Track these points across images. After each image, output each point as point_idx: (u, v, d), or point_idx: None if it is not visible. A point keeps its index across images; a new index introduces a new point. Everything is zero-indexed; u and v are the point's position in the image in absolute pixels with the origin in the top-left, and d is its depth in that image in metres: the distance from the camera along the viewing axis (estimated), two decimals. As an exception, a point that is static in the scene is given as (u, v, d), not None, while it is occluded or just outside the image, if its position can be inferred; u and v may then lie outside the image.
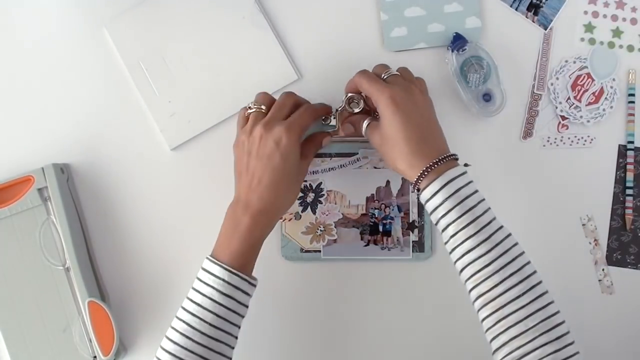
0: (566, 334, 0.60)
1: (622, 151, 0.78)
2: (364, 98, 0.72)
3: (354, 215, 0.78)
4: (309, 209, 0.78)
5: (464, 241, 0.62)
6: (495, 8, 0.79)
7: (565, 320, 0.61)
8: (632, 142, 0.78)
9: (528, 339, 0.59)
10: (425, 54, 0.79)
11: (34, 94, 0.80)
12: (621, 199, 0.78)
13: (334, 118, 0.73)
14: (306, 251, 0.78)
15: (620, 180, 0.79)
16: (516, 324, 0.60)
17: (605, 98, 0.78)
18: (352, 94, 0.72)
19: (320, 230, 0.78)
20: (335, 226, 0.78)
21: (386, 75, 0.68)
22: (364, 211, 0.78)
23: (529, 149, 0.79)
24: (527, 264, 0.62)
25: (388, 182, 0.78)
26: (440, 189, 0.62)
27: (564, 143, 0.78)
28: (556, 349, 0.59)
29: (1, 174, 0.78)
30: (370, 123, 0.69)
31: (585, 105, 0.78)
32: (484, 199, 0.63)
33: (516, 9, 0.79)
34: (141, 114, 0.79)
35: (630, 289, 0.78)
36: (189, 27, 0.79)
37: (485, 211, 0.63)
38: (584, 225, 0.79)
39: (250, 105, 0.71)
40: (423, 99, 0.67)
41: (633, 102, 0.78)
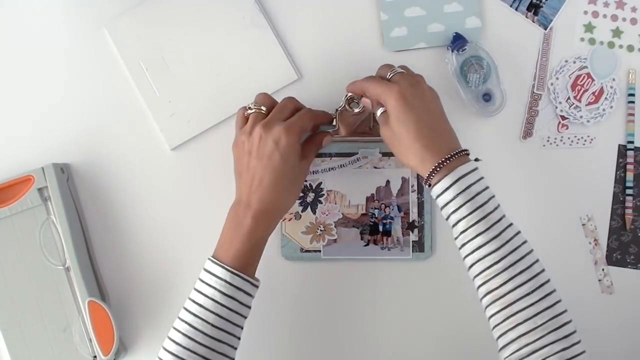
0: (573, 332, 0.60)
1: (622, 151, 0.78)
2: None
3: (354, 215, 0.78)
4: (309, 208, 0.78)
5: (475, 237, 0.61)
6: (495, 8, 0.79)
7: (572, 320, 0.61)
8: (632, 142, 0.78)
9: (536, 337, 0.59)
10: (425, 54, 0.79)
11: (34, 94, 0.80)
12: (621, 199, 0.78)
13: (334, 118, 0.73)
14: (306, 251, 0.78)
15: (620, 180, 0.79)
16: (525, 321, 0.60)
17: (605, 98, 0.78)
18: (352, 94, 0.72)
19: (320, 230, 0.78)
20: (335, 226, 0.78)
21: (391, 74, 0.68)
22: (364, 211, 0.78)
23: (529, 149, 0.79)
24: (536, 262, 0.62)
25: (388, 182, 0.78)
26: (451, 185, 0.62)
27: (564, 143, 0.78)
28: (564, 347, 0.59)
29: (1, 174, 0.78)
30: (384, 112, 0.68)
31: (585, 105, 0.78)
32: (494, 196, 0.63)
33: (516, 9, 0.79)
34: (141, 114, 0.79)
35: (630, 289, 0.78)
36: (189, 27, 0.79)
37: (496, 208, 0.63)
38: (584, 225, 0.79)
39: (250, 105, 0.71)
40: (431, 92, 0.67)
41: (633, 102, 0.78)
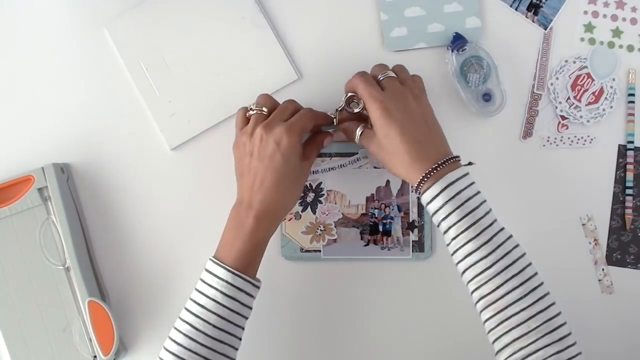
0: (568, 335, 0.60)
1: (622, 151, 0.78)
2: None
3: (353, 215, 0.78)
4: (309, 208, 0.78)
5: (465, 244, 0.62)
6: (495, 8, 0.79)
7: (567, 322, 0.61)
8: (632, 142, 0.78)
9: (531, 340, 0.59)
10: (425, 54, 0.79)
11: (34, 93, 0.80)
12: (621, 198, 0.78)
13: (334, 118, 0.73)
14: (306, 251, 0.78)
15: (620, 180, 0.78)
16: (519, 325, 0.60)
17: (605, 98, 0.78)
18: (352, 94, 0.72)
19: (320, 230, 0.78)
20: (335, 226, 0.78)
21: (382, 77, 0.68)
22: (364, 211, 0.78)
23: (528, 149, 0.79)
24: (529, 265, 0.62)
25: (388, 182, 0.78)
26: (440, 192, 0.62)
27: (563, 143, 0.78)
28: (558, 350, 0.59)
29: (1, 174, 0.78)
30: (364, 132, 0.68)
31: (585, 105, 0.78)
32: (485, 201, 0.63)
33: (516, 9, 0.79)
34: (141, 114, 0.79)
35: (630, 289, 0.78)
36: (189, 27, 0.79)
37: (487, 213, 0.63)
38: (584, 225, 0.79)
39: (251, 107, 0.71)
40: (417, 105, 0.67)
41: (633, 102, 0.78)
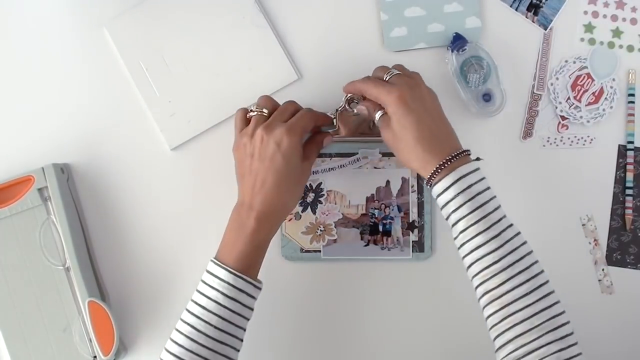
0: (570, 334, 0.60)
1: (622, 151, 0.78)
2: (364, 98, 0.72)
3: (353, 215, 0.78)
4: (309, 209, 0.78)
5: (474, 237, 0.62)
6: (495, 8, 0.79)
7: (569, 321, 0.61)
8: (632, 142, 0.78)
9: (533, 337, 0.59)
10: (425, 54, 0.79)
11: (34, 93, 0.80)
12: (621, 199, 0.78)
13: (334, 118, 0.73)
14: (306, 251, 0.78)
15: (620, 180, 0.78)
16: (522, 321, 0.60)
17: (605, 98, 0.78)
18: (352, 94, 0.72)
19: (320, 230, 0.78)
20: (335, 226, 0.78)
21: (388, 76, 0.68)
22: (364, 211, 0.78)
23: (528, 149, 0.79)
24: (535, 262, 0.62)
25: (388, 182, 0.78)
26: (452, 185, 0.62)
27: (563, 143, 0.78)
28: (560, 348, 0.59)
29: (1, 174, 0.78)
30: (384, 116, 0.68)
31: (585, 105, 0.78)
32: (495, 196, 0.63)
33: (516, 9, 0.79)
34: (141, 114, 0.79)
35: (630, 289, 0.78)
36: (189, 27, 0.79)
37: (496, 208, 0.63)
38: (584, 225, 0.79)
39: (251, 108, 0.71)
40: (430, 95, 0.67)
41: (633, 102, 0.78)
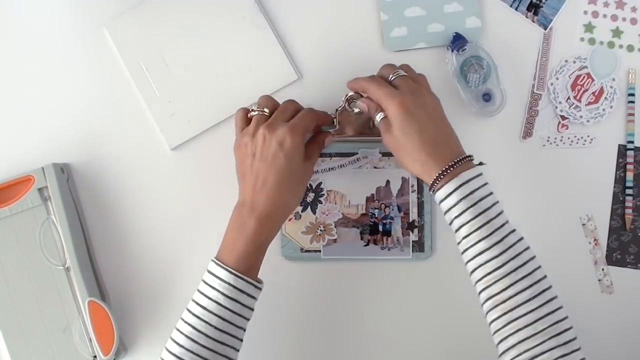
0: (574, 339, 0.60)
1: (622, 151, 0.78)
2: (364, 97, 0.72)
3: (353, 215, 0.78)
4: (309, 208, 0.78)
5: (477, 242, 0.62)
6: (495, 8, 0.79)
7: (572, 326, 0.61)
8: (632, 142, 0.78)
9: (537, 342, 0.59)
10: (425, 54, 0.79)
11: (34, 93, 0.80)
12: (621, 198, 0.78)
13: (334, 118, 0.73)
14: (306, 251, 0.78)
15: (620, 180, 0.78)
16: (525, 327, 0.60)
17: (605, 98, 0.78)
18: (352, 94, 0.72)
19: (320, 230, 0.78)
20: (335, 226, 0.78)
21: (394, 77, 0.68)
22: (364, 211, 0.78)
23: (528, 149, 0.79)
24: (538, 268, 0.62)
25: (388, 182, 0.78)
26: (455, 190, 0.62)
27: (563, 143, 0.78)
28: (564, 354, 0.59)
29: (1, 174, 0.78)
30: (385, 118, 0.67)
31: (585, 105, 0.78)
32: (498, 202, 0.63)
33: (516, 9, 0.79)
34: (141, 114, 0.79)
35: (630, 289, 0.78)
36: (189, 27, 0.79)
37: (500, 214, 0.63)
38: (584, 225, 0.79)
39: (252, 107, 0.70)
40: (432, 101, 0.67)
41: (633, 102, 0.78)
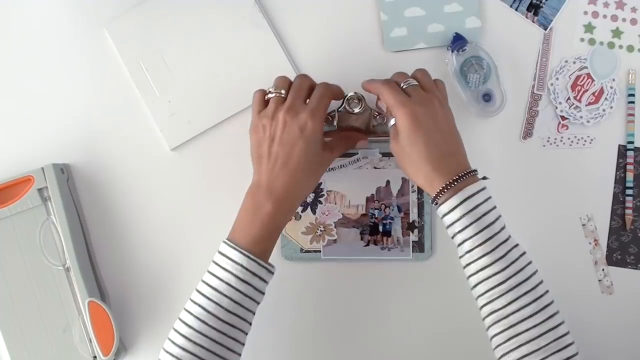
0: (575, 355, 0.60)
1: (622, 151, 0.78)
2: (364, 97, 0.72)
3: (354, 215, 0.78)
4: (309, 209, 0.78)
5: (480, 258, 0.61)
6: (495, 8, 0.79)
7: (574, 342, 0.61)
8: (632, 142, 0.78)
9: (539, 358, 0.59)
10: (425, 54, 0.79)
11: (34, 94, 0.80)
12: (621, 199, 0.78)
13: (334, 118, 0.73)
14: (306, 251, 0.78)
15: (620, 180, 0.78)
16: (528, 342, 0.60)
17: (605, 98, 0.78)
18: (352, 94, 0.72)
19: (320, 231, 0.78)
20: (335, 226, 0.78)
21: (405, 85, 0.67)
22: (364, 211, 0.78)
23: (528, 149, 0.79)
24: (541, 283, 0.62)
25: (388, 182, 0.78)
26: (458, 205, 0.62)
27: (563, 143, 0.78)
28: None
29: (1, 174, 0.78)
30: (394, 126, 0.67)
31: (585, 105, 0.78)
32: (501, 216, 0.63)
33: (516, 9, 0.79)
34: (141, 114, 0.79)
35: (630, 289, 0.78)
36: (189, 27, 0.79)
37: (502, 229, 0.63)
38: (584, 225, 0.79)
39: (269, 89, 0.69)
40: (443, 113, 0.66)
41: (633, 102, 0.78)
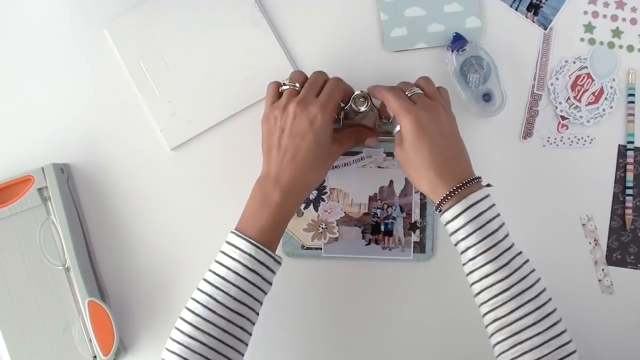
0: None
1: (622, 151, 0.79)
2: (369, 96, 0.72)
3: (356, 214, 0.78)
4: (312, 206, 0.78)
5: (483, 265, 0.62)
6: (495, 8, 0.79)
7: (576, 350, 0.61)
8: (632, 142, 0.78)
9: None
10: (425, 54, 0.79)
11: (34, 93, 0.80)
12: (621, 199, 0.79)
13: (340, 117, 0.73)
14: (307, 248, 0.78)
15: (620, 180, 0.79)
16: (531, 350, 0.60)
17: (605, 98, 0.78)
18: (358, 93, 0.72)
19: (322, 228, 0.78)
20: (337, 224, 0.78)
21: (410, 93, 0.68)
22: (366, 210, 0.78)
23: (529, 149, 0.79)
24: (544, 291, 0.62)
25: (391, 182, 0.78)
26: (462, 212, 0.62)
27: (563, 143, 0.79)
28: None
29: (1, 174, 0.78)
30: (399, 132, 0.67)
31: (585, 105, 0.78)
32: (504, 223, 0.63)
33: (516, 9, 0.79)
34: (141, 114, 0.79)
35: (630, 289, 0.79)
36: (189, 27, 0.79)
37: (506, 236, 0.63)
38: (584, 225, 0.79)
39: (284, 82, 0.70)
40: (447, 119, 0.67)
41: (633, 102, 0.78)
